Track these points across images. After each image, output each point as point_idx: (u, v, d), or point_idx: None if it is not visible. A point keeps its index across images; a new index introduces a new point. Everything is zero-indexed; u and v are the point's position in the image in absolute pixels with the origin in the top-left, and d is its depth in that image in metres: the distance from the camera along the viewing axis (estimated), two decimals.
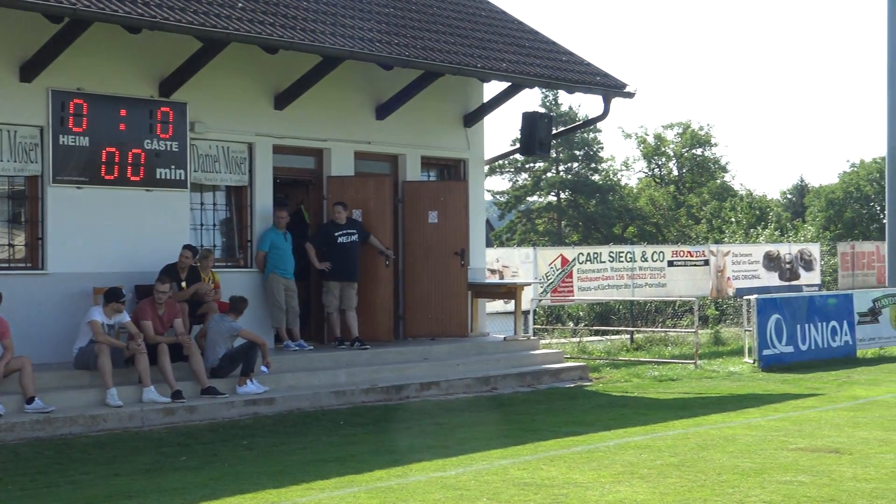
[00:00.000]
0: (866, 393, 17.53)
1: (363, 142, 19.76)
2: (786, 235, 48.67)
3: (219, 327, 16.01)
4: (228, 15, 16.10)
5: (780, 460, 11.50)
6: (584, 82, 20.57)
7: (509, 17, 22.11)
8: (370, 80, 19.44)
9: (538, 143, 20.59)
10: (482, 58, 19.30)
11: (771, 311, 21.90)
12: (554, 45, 21.60)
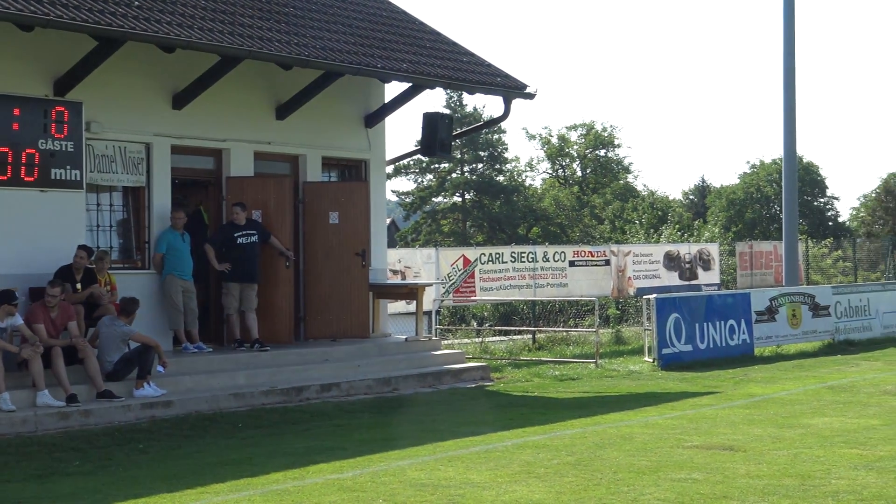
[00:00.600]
0: (762, 391, 17.78)
1: (263, 142, 19.62)
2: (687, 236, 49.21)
3: (110, 331, 15.78)
4: (124, 13, 15.89)
5: (676, 458, 11.62)
6: (485, 83, 20.62)
7: (411, 18, 22.10)
8: (270, 80, 19.31)
9: (439, 144, 20.60)
10: (383, 58, 19.27)
11: (670, 310, 22.13)
12: (455, 45, 21.63)
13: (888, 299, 28.20)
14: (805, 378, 19.50)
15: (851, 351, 24.52)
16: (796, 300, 25.28)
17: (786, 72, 27.58)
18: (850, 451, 11.91)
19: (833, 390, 17.59)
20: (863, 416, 14.62)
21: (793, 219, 28.03)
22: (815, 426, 13.77)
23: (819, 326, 25.70)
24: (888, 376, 19.42)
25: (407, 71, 19.31)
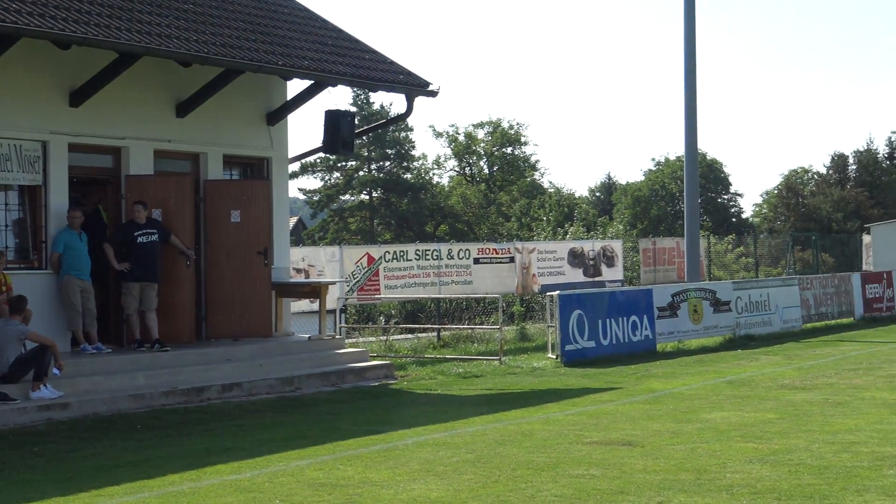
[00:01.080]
0: (663, 386, 17.95)
1: (163, 140, 19.38)
2: (592, 232, 49.57)
3: (5, 331, 15.49)
4: (18, 9, 15.60)
5: (575, 454, 11.68)
6: (387, 80, 20.58)
7: (313, 15, 21.98)
8: (170, 77, 19.10)
9: (342, 141, 20.52)
10: (284, 55, 19.14)
11: (573, 307, 22.26)
12: (358, 43, 21.56)
13: (788, 294, 28.67)
14: (705, 373, 19.73)
15: (752, 346, 24.87)
16: (698, 296, 25.58)
17: (686, 71, 27.90)
18: (746, 444, 12.06)
19: (732, 385, 17.81)
20: (760, 410, 14.82)
21: (694, 215, 28.36)
22: (712, 420, 13.93)
23: (720, 322, 26.04)
24: (786, 370, 19.72)
25: (308, 68, 19.21)
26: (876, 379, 17.94)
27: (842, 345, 24.73)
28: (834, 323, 30.40)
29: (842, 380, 17.96)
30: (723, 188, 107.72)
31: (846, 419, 13.73)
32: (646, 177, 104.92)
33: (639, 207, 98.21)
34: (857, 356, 21.87)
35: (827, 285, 30.75)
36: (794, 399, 15.78)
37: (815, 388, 16.90)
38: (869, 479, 10.09)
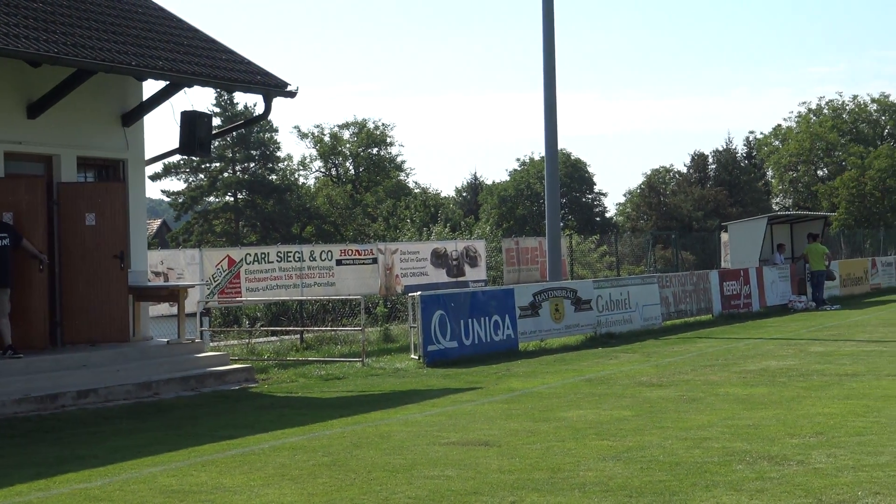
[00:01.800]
0: (522, 385, 18.07)
1: (13, 142, 18.92)
2: (458, 233, 49.76)
3: None
4: None
5: (431, 455, 11.68)
6: (244, 81, 20.38)
7: (169, 15, 21.67)
8: (19, 77, 18.66)
9: (198, 143, 20.26)
10: (138, 55, 18.83)
11: (435, 307, 22.30)
12: (214, 43, 21.31)
13: (648, 292, 29.09)
14: (565, 371, 19.92)
15: (612, 344, 25.17)
16: (559, 295, 25.81)
17: (546, 71, 28.15)
18: (601, 442, 12.19)
19: (591, 383, 18.00)
20: (616, 407, 15.00)
21: (555, 215, 28.62)
22: (569, 419, 14.05)
23: (581, 320, 26.32)
24: (644, 368, 20.00)
25: (163, 69, 18.93)
26: (731, 375, 18.28)
27: (699, 342, 25.17)
28: (693, 320, 30.93)
29: (697, 376, 18.26)
30: (587, 187, 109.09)
31: (699, 415, 13.97)
32: (511, 177, 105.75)
33: (505, 207, 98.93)
34: (713, 352, 22.27)
35: (686, 283, 31.28)
36: (650, 396, 16.00)
37: (671, 385, 17.16)
38: (718, 474, 10.27)
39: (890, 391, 15.48)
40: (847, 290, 41.66)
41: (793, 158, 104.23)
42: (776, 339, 25.07)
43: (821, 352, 21.50)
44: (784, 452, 11.17)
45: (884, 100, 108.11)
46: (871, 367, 18.56)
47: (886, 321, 28.85)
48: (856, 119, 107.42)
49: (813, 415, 13.62)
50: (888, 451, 11.06)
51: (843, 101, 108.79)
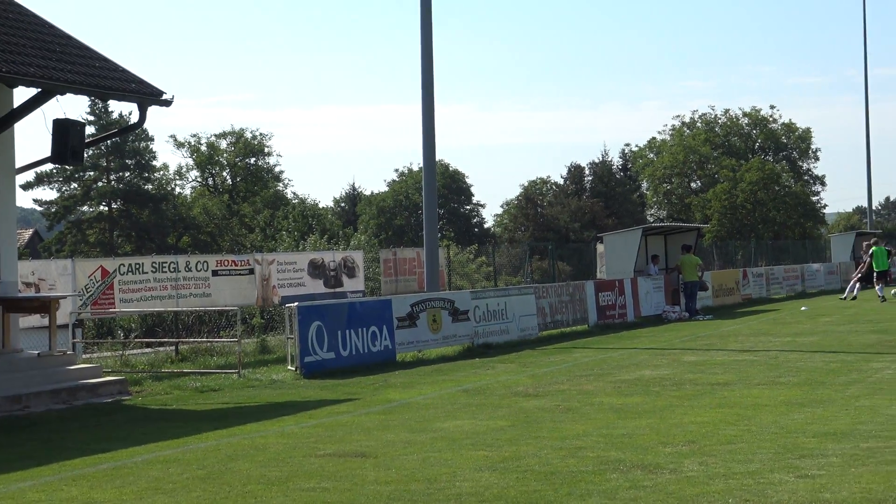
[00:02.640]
0: (400, 396, 18.05)
1: None
2: (336, 243, 49.61)
3: None
4: None
5: (308, 467, 11.61)
6: (119, 89, 20.05)
7: (40, 21, 21.22)
8: None
9: (71, 152, 19.84)
10: (8, 62, 18.40)
11: (312, 318, 22.18)
12: (87, 50, 20.92)
13: (525, 303, 29.28)
14: (442, 382, 19.95)
15: (489, 354, 25.28)
16: (437, 306, 25.85)
17: (424, 83, 28.21)
18: (477, 453, 12.22)
19: (468, 393, 18.05)
20: (493, 417, 15.06)
21: (433, 226, 28.67)
22: (446, 429, 14.07)
23: (459, 331, 26.39)
24: (521, 378, 20.11)
25: (34, 76, 18.52)
26: (605, 384, 18.47)
27: (575, 351, 25.41)
28: (569, 330, 31.21)
29: (573, 386, 18.42)
30: (465, 198, 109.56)
31: (575, 425, 14.09)
32: (390, 188, 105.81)
33: (383, 218, 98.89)
34: (588, 362, 22.49)
35: (562, 294, 31.56)
36: (526, 406, 16.10)
37: (547, 395, 17.29)
38: (593, 483, 10.36)
39: (760, 400, 15.78)
40: (719, 301, 42.40)
41: (667, 171, 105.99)
42: (650, 348, 25.41)
43: (694, 361, 21.84)
44: (657, 461, 11.32)
45: (755, 114, 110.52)
46: (743, 376, 18.90)
47: (757, 331, 29.42)
48: (728, 132, 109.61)
49: (686, 423, 13.82)
50: (758, 458, 11.27)
51: (715, 115, 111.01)
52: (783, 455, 11.40)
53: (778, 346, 24.35)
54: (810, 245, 69.61)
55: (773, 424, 13.48)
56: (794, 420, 13.78)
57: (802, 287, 52.84)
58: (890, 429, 12.80)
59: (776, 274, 50.90)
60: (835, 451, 11.49)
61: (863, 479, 10.08)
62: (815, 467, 10.72)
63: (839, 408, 14.70)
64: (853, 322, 30.96)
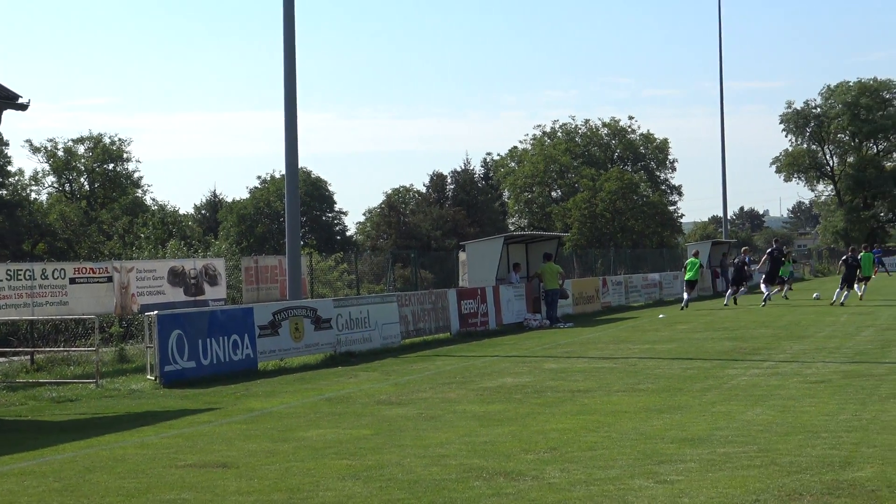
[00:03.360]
0: (262, 405, 17.90)
1: None
2: (196, 251, 49.01)
3: None
4: None
5: (168, 478, 11.44)
6: None
7: None
8: None
9: None
10: None
11: (172, 326, 21.88)
12: None
13: (387, 311, 29.27)
14: (305, 391, 19.84)
15: (352, 362, 25.22)
16: (299, 314, 25.69)
17: (287, 90, 28.06)
18: (341, 461, 12.17)
19: (330, 402, 17.97)
20: (356, 426, 15.01)
21: (295, 233, 28.52)
22: (309, 438, 13.99)
23: (321, 339, 26.26)
24: (383, 386, 20.10)
25: None
26: (468, 392, 18.55)
27: (438, 359, 25.47)
28: (431, 338, 31.28)
29: (436, 394, 18.47)
30: (327, 206, 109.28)
31: (438, 433, 14.11)
32: (252, 195, 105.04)
33: (244, 225, 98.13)
34: (451, 370, 22.57)
35: (425, 302, 31.62)
36: (389, 414, 16.09)
37: (410, 403, 17.30)
38: (456, 490, 10.39)
39: (620, 406, 15.99)
40: (580, 309, 42.92)
41: (528, 180, 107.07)
42: (512, 356, 25.60)
43: (555, 369, 22.06)
44: (519, 468, 11.40)
45: (614, 124, 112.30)
46: (602, 383, 19.14)
47: (617, 338, 29.84)
48: (588, 142, 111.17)
49: (547, 430, 13.94)
50: (618, 464, 11.42)
51: (575, 125, 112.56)
52: (643, 461, 11.57)
53: (637, 354, 24.73)
54: (668, 254, 70.95)
55: (633, 431, 13.68)
56: (653, 426, 14.00)
57: (660, 295, 53.79)
58: (745, 434, 13.08)
59: (635, 282, 51.73)
60: (693, 457, 11.70)
61: (720, 484, 10.29)
62: (674, 473, 10.90)
63: (697, 414, 14.97)
64: (709, 329, 31.59)
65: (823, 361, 21.20)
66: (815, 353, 23.07)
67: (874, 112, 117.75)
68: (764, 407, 15.35)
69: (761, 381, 18.51)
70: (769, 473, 10.69)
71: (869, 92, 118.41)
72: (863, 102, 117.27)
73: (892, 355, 21.80)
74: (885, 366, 19.95)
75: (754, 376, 19.21)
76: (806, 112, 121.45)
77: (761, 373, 19.72)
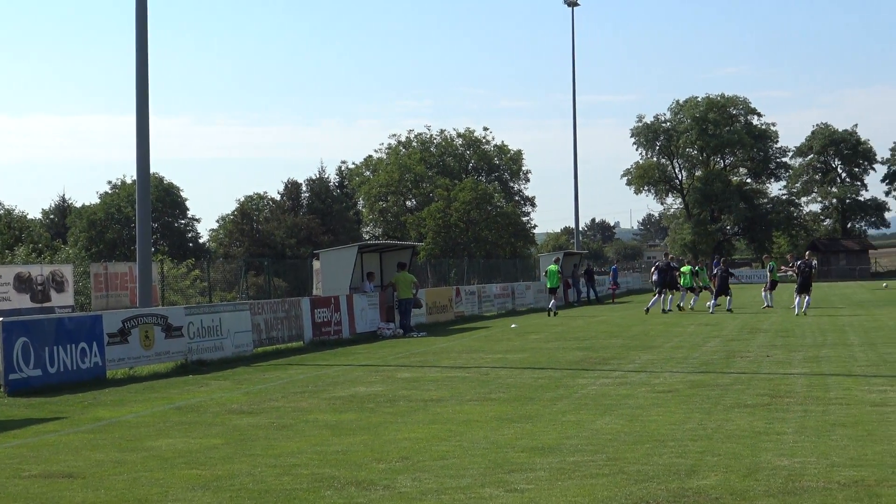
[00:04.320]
0: (110, 414, 17.59)
1: None
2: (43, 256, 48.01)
3: None
4: None
5: (11, 489, 11.18)
6: None
7: None
8: None
9: None
10: None
11: (18, 333, 21.36)
12: None
13: (240, 319, 28.99)
14: (154, 400, 19.56)
15: (203, 371, 24.93)
16: (149, 321, 25.32)
17: (139, 93, 27.68)
18: (190, 471, 12.03)
19: (180, 411, 17.75)
20: (206, 435, 14.85)
21: (146, 240, 28.12)
22: (158, 448, 13.80)
23: (172, 347, 25.90)
24: (235, 395, 19.92)
25: None
26: (320, 401, 18.49)
27: (290, 368, 25.32)
28: (284, 347, 31.09)
29: (288, 403, 18.36)
30: (180, 212, 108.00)
31: (289, 442, 14.04)
32: (102, 200, 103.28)
33: (94, 231, 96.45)
34: (303, 379, 22.46)
35: (278, 310, 31.41)
36: (240, 424, 15.95)
37: (262, 412, 17.18)
38: (307, 500, 10.36)
39: (472, 416, 16.10)
40: (433, 318, 43.11)
41: (383, 189, 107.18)
42: (365, 365, 25.59)
43: (408, 378, 22.11)
44: (371, 478, 11.40)
45: (468, 135, 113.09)
46: (455, 392, 19.24)
47: (469, 348, 30.02)
48: (443, 152, 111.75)
49: (399, 440, 13.97)
50: (469, 473, 11.49)
51: (431, 135, 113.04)
52: (494, 470, 11.67)
53: (489, 363, 24.91)
54: (521, 264, 71.63)
55: (484, 440, 13.78)
56: (505, 435, 14.12)
57: (513, 305, 54.31)
58: (595, 443, 13.27)
59: (488, 292, 52.14)
60: (543, 466, 11.83)
61: (569, 493, 10.42)
62: (524, 481, 11.01)
63: (547, 423, 15.15)
64: (560, 339, 31.99)
65: (671, 371, 21.62)
66: (663, 363, 23.52)
67: (721, 127, 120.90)
68: (613, 416, 15.60)
69: (611, 390, 18.81)
70: (617, 482, 10.87)
71: (716, 107, 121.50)
72: (711, 118, 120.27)
73: (737, 366, 22.34)
74: (729, 376, 20.43)
75: (604, 386, 19.51)
76: (656, 126, 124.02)
77: (611, 382, 20.04)
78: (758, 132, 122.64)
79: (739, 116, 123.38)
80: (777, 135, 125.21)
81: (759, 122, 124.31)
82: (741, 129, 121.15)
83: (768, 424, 14.31)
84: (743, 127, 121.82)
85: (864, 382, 18.76)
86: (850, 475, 10.85)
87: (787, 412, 15.43)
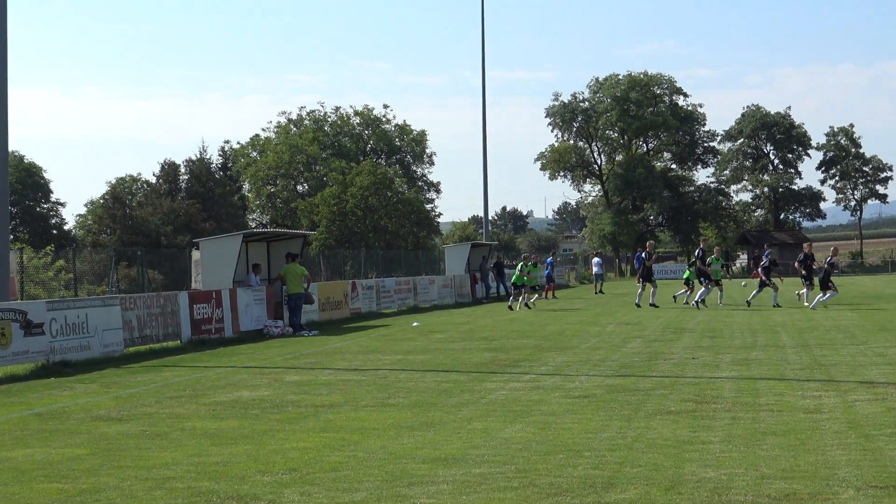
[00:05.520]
0: None
1: None
2: None
3: None
4: None
5: None
6: None
7: None
8: None
9: None
10: None
11: None
12: None
13: (109, 315, 28.66)
14: (11, 405, 19.29)
15: (67, 373, 24.64)
16: (6, 317, 24.93)
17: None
18: (51, 485, 11.87)
19: (40, 417, 17.52)
20: (69, 445, 14.66)
21: (4, 226, 27.69)
22: (14, 459, 13.60)
23: (32, 346, 25.53)
24: (103, 400, 19.70)
25: None
26: (199, 407, 18.34)
27: (166, 370, 25.12)
28: (159, 346, 30.82)
29: (162, 409, 18.20)
30: (42, 196, 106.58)
31: (164, 452, 13.90)
32: None
33: None
34: (180, 382, 22.29)
35: (153, 305, 31.11)
36: (108, 432, 15.77)
37: (133, 419, 17.00)
38: None
39: (368, 423, 16.06)
40: (326, 315, 42.99)
41: (271, 171, 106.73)
42: (250, 367, 25.45)
43: (297, 381, 22.02)
44: (255, 491, 11.32)
45: (367, 113, 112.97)
46: (350, 397, 19.19)
47: (366, 348, 29.98)
48: (338, 132, 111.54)
49: (287, 450, 13.89)
50: (365, 487, 11.45)
51: (325, 113, 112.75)
52: (391, 483, 11.64)
53: (388, 365, 24.90)
54: (424, 256, 71.79)
55: (382, 450, 13.74)
56: (404, 445, 14.10)
57: (415, 301, 54.36)
58: (503, 453, 13.30)
59: (387, 287, 52.11)
60: (446, 478, 11.82)
61: None
62: (425, 495, 11.00)
63: (451, 431, 15.15)
64: (467, 339, 32.06)
65: (588, 375, 21.74)
66: (580, 365, 23.65)
67: (644, 108, 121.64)
68: (523, 423, 15.65)
69: (521, 395, 18.87)
70: (527, 496, 10.89)
71: (639, 86, 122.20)
72: (633, 97, 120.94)
73: (660, 369, 22.52)
74: (651, 380, 20.59)
75: (514, 390, 19.57)
76: (573, 106, 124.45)
77: (521, 386, 20.10)
78: (684, 114, 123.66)
79: (664, 96, 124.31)
80: (704, 117, 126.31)
81: (685, 103, 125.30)
82: (665, 110, 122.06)
83: (693, 433, 14.43)
84: (667, 108, 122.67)
85: (797, 387, 19.00)
86: (782, 488, 10.98)
87: (714, 419, 15.58)
